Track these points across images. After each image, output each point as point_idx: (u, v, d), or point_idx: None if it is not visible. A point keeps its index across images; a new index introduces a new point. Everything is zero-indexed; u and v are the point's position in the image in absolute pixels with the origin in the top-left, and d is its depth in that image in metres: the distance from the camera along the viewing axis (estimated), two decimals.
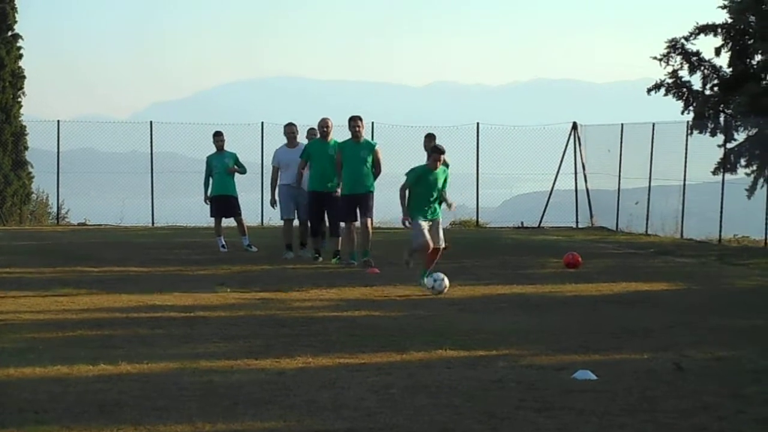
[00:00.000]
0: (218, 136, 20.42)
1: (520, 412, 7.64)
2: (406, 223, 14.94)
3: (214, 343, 10.53)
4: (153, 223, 29.26)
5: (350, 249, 17.61)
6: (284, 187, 18.97)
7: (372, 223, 17.71)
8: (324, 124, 18.01)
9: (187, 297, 13.85)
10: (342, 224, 17.75)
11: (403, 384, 8.56)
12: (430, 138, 18.38)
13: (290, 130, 19.16)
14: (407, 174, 14.94)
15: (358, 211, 17.48)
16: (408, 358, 9.75)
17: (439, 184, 14.88)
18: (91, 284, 15.07)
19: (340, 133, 18.21)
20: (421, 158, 16.57)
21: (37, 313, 12.34)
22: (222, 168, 20.13)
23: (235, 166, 20.24)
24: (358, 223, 17.61)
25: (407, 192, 14.89)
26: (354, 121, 17.47)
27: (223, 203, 20.23)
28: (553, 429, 7.22)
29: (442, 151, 14.89)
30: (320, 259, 18.17)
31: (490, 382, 8.67)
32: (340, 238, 17.93)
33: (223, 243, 20.11)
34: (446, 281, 14.21)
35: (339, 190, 17.65)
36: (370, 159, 17.42)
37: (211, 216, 20.51)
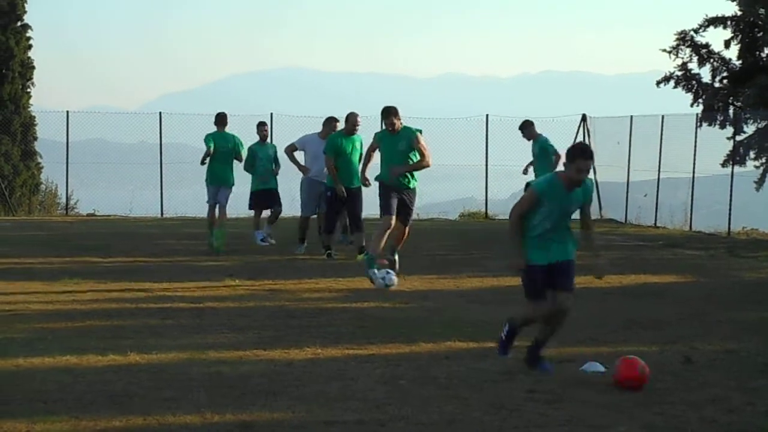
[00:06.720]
0: (262, 126, 19.96)
1: (529, 404, 7.64)
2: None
3: (223, 333, 10.54)
4: (162, 213, 29.25)
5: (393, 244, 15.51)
6: (312, 181, 18.21)
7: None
8: (354, 121, 17.00)
9: (196, 288, 13.87)
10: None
11: (411, 375, 8.57)
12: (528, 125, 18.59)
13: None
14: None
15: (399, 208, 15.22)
16: (417, 349, 9.75)
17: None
18: (100, 275, 15.10)
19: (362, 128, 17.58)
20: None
21: (46, 304, 12.37)
22: (266, 160, 19.68)
23: (274, 168, 19.77)
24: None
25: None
26: (388, 116, 14.75)
27: (266, 197, 19.79)
28: (561, 421, 7.22)
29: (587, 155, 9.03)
30: (334, 255, 17.33)
31: (498, 373, 8.67)
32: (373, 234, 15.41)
33: (263, 236, 19.58)
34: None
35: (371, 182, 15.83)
36: (409, 150, 14.83)
37: (251, 209, 20.16)
